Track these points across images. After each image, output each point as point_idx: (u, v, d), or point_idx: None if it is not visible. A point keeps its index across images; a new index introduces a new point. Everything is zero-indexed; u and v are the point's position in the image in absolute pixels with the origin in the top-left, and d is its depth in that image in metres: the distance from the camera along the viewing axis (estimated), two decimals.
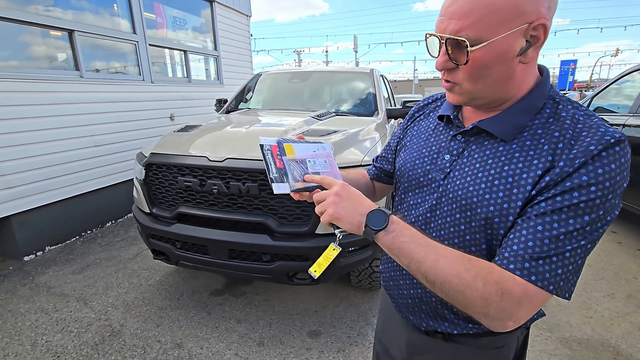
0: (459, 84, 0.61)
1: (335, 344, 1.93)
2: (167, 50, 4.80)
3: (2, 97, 2.68)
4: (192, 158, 1.89)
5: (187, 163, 1.88)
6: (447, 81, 0.63)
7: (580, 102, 4.28)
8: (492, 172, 0.60)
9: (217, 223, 1.93)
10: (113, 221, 3.79)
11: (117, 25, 3.79)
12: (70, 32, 3.21)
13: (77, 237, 3.39)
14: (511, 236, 0.55)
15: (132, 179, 2.31)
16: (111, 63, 3.84)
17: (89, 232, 3.51)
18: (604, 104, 3.73)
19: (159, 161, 1.97)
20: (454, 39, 0.56)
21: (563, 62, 23.24)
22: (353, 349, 1.89)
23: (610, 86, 3.74)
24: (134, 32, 3.94)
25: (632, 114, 3.00)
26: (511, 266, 0.53)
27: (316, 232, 1.80)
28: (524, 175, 0.57)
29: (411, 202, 0.74)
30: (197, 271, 2.61)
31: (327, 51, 30.85)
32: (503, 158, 0.60)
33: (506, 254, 0.54)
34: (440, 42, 0.59)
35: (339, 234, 0.68)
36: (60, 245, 3.22)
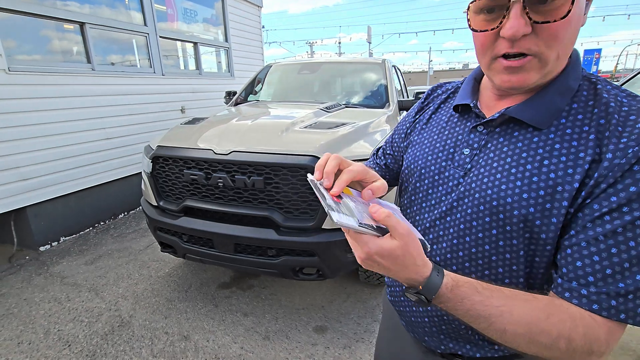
0: (538, 54, 0.48)
1: (341, 339, 1.90)
2: (178, 43, 4.80)
3: (15, 90, 2.72)
4: (198, 151, 1.88)
5: (192, 156, 1.87)
6: (516, 57, 0.49)
7: None
8: (529, 167, 0.51)
9: (223, 217, 1.91)
10: (125, 213, 3.85)
11: (128, 18, 3.79)
12: (82, 25, 3.23)
13: (91, 228, 3.46)
14: (578, 262, 0.46)
15: (142, 171, 2.32)
16: (122, 56, 3.87)
17: (102, 223, 3.58)
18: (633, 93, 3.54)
19: (166, 154, 1.96)
20: None
21: (587, 52, 22.29)
22: (359, 345, 1.86)
23: (637, 76, 3.54)
24: (145, 24, 3.94)
25: None
26: (595, 306, 0.45)
27: (323, 227, 1.76)
28: (569, 171, 0.48)
29: (423, 205, 0.65)
30: (205, 264, 2.63)
31: (339, 42, 30.49)
32: (541, 151, 0.51)
33: (583, 291, 0.46)
34: (510, 2, 0.47)
35: None
36: (74, 236, 3.29)
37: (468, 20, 0.53)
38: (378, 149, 0.89)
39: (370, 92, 3.02)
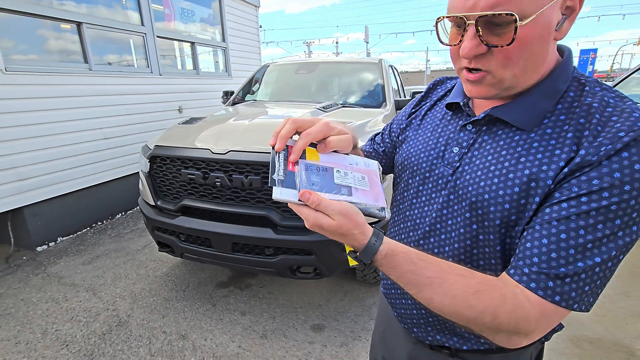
0: (491, 72, 0.51)
1: (339, 338, 1.92)
2: (175, 43, 4.80)
3: (12, 90, 2.71)
4: (195, 150, 1.89)
5: (190, 155, 1.88)
6: (475, 70, 0.52)
7: None
8: (507, 164, 0.53)
9: (221, 216, 1.92)
10: (123, 213, 3.85)
11: (125, 17, 3.79)
12: (79, 25, 3.23)
13: (88, 228, 3.46)
14: (528, 244, 0.48)
15: (140, 171, 2.32)
16: (120, 55, 3.86)
17: (99, 223, 3.57)
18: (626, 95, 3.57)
19: (163, 154, 1.97)
20: (493, 15, 0.46)
21: (582, 52, 22.42)
22: (356, 343, 1.87)
23: (632, 75, 3.58)
24: (142, 24, 3.94)
25: None
26: (532, 285, 0.47)
27: None
28: (544, 168, 0.49)
29: (414, 201, 0.67)
30: (203, 263, 2.63)
31: (337, 42, 30.49)
32: (519, 149, 0.53)
33: (525, 269, 0.48)
34: (466, 23, 0.49)
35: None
36: (71, 236, 3.29)
37: (437, 33, 0.55)
38: (376, 134, 0.90)
39: (367, 91, 3.04)
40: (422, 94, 0.79)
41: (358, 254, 0.50)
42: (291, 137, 0.53)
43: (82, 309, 2.19)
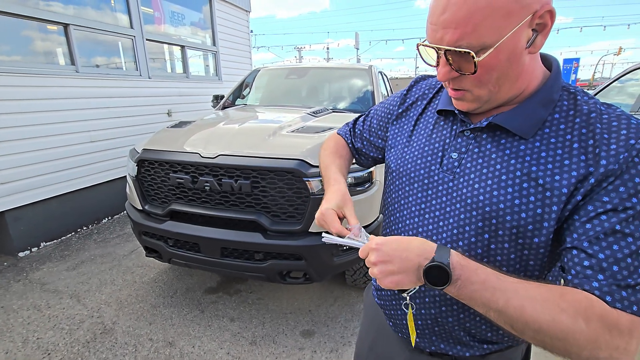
0: (470, 90, 0.56)
1: (329, 343, 1.91)
2: (165, 46, 4.76)
3: None
4: (184, 154, 1.87)
5: (179, 159, 1.86)
6: (455, 89, 0.58)
7: None
8: (519, 174, 0.54)
9: (210, 221, 1.90)
10: (109, 217, 3.77)
11: (113, 20, 3.75)
12: (66, 26, 3.18)
13: (73, 233, 3.38)
14: (585, 262, 0.48)
15: (127, 174, 2.28)
16: (108, 58, 3.81)
17: (84, 228, 3.49)
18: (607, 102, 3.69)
19: (151, 157, 1.94)
20: (454, 50, 0.50)
21: (565, 61, 23.07)
22: (346, 349, 1.87)
23: (612, 84, 3.70)
24: (131, 27, 3.90)
25: (634, 113, 2.96)
26: (608, 298, 0.46)
27: (309, 230, 1.77)
28: (557, 177, 0.51)
29: (413, 209, 0.66)
30: (191, 269, 2.60)
31: (328, 48, 30.69)
32: (528, 158, 0.54)
33: (595, 283, 0.47)
34: (437, 52, 0.53)
35: (406, 295, 0.58)
36: (55, 241, 3.20)
37: (420, 55, 0.58)
38: (355, 123, 0.92)
39: (357, 97, 3.06)
40: (404, 90, 0.79)
41: (434, 254, 0.49)
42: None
43: (65, 316, 2.13)
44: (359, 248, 0.57)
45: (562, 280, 0.52)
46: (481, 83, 0.54)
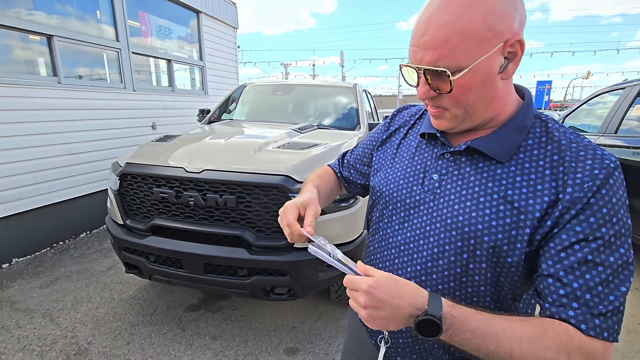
0: (448, 109, 0.60)
1: None
2: (151, 59, 4.75)
3: None
4: (169, 169, 1.86)
5: (163, 174, 1.84)
6: (434, 107, 0.61)
7: None
8: (496, 197, 0.57)
9: (193, 236, 1.88)
10: (88, 232, 3.65)
11: (99, 32, 3.73)
12: (50, 37, 3.14)
13: (48, 248, 3.25)
14: (561, 290, 0.52)
15: (108, 188, 2.24)
16: (92, 70, 3.78)
17: (61, 243, 3.36)
18: (576, 124, 3.89)
19: (135, 171, 1.92)
20: (433, 70, 0.55)
21: (539, 83, 24.31)
22: None
23: (582, 107, 3.92)
24: (117, 40, 3.89)
25: (601, 134, 3.13)
26: (582, 326, 0.50)
27: (294, 245, 1.78)
28: (530, 202, 0.54)
29: (396, 227, 0.68)
30: (173, 286, 2.53)
31: (314, 65, 31.29)
32: (504, 182, 0.57)
33: (571, 312, 0.50)
34: (418, 72, 0.58)
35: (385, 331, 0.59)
36: (28, 257, 3.07)
37: (403, 76, 0.63)
38: (344, 154, 0.95)
39: (342, 114, 3.13)
40: (387, 120, 0.84)
41: (427, 306, 0.49)
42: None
43: (36, 336, 2.03)
44: (339, 267, 0.55)
45: (539, 307, 0.56)
46: (458, 103, 0.57)
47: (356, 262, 0.56)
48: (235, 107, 3.46)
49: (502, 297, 0.61)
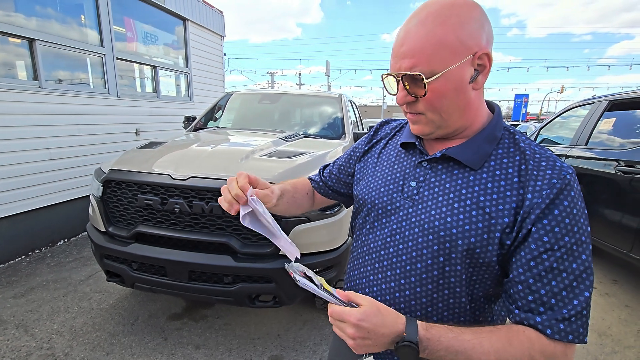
0: (424, 113, 0.64)
1: None
2: (136, 65, 4.71)
3: None
4: (155, 175, 1.85)
5: (148, 181, 1.83)
6: (412, 113, 0.66)
7: (529, 133, 4.66)
8: (469, 202, 0.61)
9: (177, 243, 1.87)
10: (66, 240, 3.55)
11: (83, 37, 3.69)
12: (31, 41, 3.09)
13: (23, 256, 3.13)
14: (529, 296, 0.57)
15: (90, 195, 2.20)
16: (75, 74, 3.72)
17: (37, 251, 3.25)
18: (551, 136, 4.08)
19: (119, 178, 1.91)
20: (409, 74, 0.60)
21: (517, 96, 25.22)
22: None
23: (555, 120, 4.11)
24: (102, 45, 3.86)
25: (573, 146, 3.30)
26: (548, 331, 0.55)
27: (280, 252, 1.79)
28: (500, 207, 0.59)
29: (378, 233, 0.72)
30: (155, 294, 2.49)
31: (300, 74, 31.54)
32: (477, 188, 0.61)
33: (538, 318, 0.56)
34: (397, 79, 0.63)
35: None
36: (2, 265, 2.96)
37: (384, 86, 0.68)
38: (325, 166, 0.98)
39: (327, 123, 3.19)
40: (371, 132, 0.89)
41: (405, 334, 0.55)
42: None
43: (9, 348, 1.96)
44: (324, 296, 0.58)
45: (509, 311, 0.61)
46: (434, 107, 0.62)
47: (335, 289, 0.59)
48: (222, 114, 3.47)
49: (475, 297, 0.65)
